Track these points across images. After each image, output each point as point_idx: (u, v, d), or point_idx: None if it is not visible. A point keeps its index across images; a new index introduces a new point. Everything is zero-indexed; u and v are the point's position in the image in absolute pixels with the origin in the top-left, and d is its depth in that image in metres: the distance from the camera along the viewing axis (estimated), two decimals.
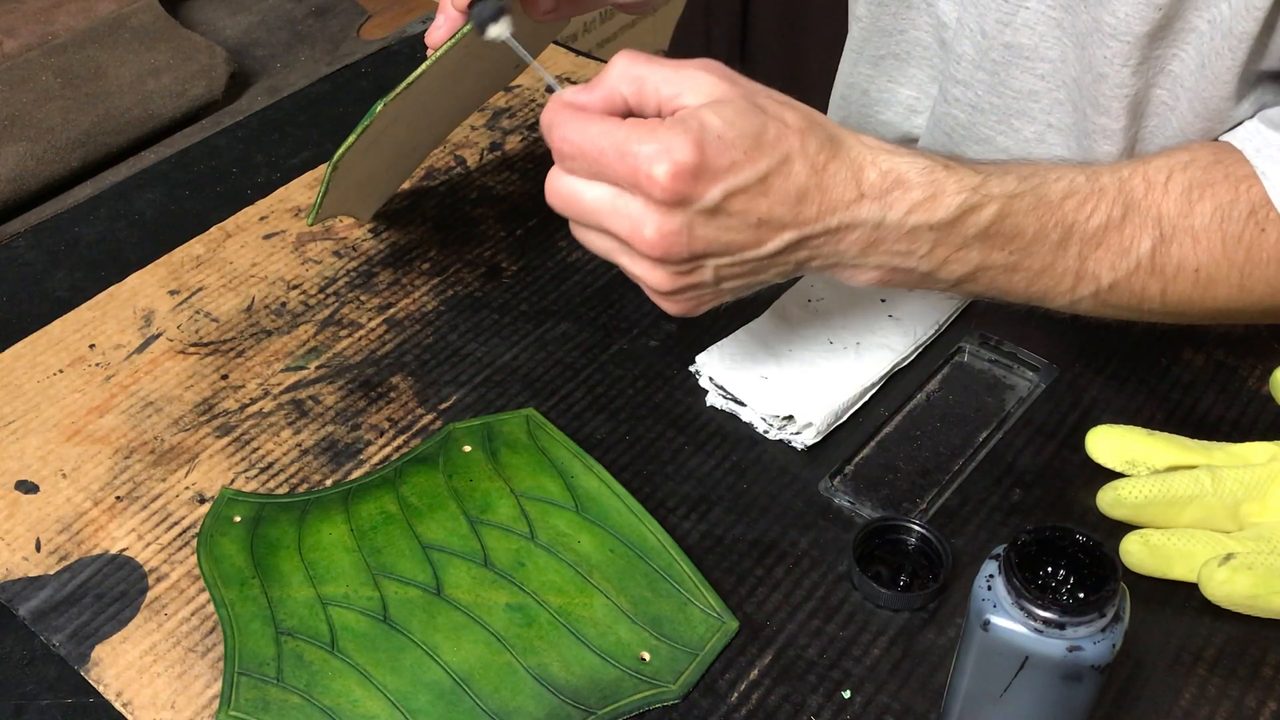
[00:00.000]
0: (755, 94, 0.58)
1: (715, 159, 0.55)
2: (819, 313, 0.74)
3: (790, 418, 0.69)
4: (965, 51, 0.79)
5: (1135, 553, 0.61)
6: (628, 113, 0.59)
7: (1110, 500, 0.62)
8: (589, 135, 0.56)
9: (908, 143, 0.90)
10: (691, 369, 0.73)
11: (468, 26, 0.65)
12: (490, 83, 0.83)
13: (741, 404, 0.70)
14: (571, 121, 0.57)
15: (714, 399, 0.71)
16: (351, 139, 0.68)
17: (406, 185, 0.87)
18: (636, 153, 0.55)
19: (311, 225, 0.80)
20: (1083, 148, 0.78)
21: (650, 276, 0.59)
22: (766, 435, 0.69)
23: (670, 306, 0.61)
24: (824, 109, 1.01)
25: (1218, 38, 0.65)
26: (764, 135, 0.56)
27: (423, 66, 0.67)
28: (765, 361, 0.71)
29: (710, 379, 0.71)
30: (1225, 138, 0.66)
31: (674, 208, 0.56)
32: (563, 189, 0.59)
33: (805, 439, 0.68)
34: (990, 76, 0.78)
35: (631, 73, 0.58)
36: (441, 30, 0.68)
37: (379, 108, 0.67)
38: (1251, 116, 0.67)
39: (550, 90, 0.61)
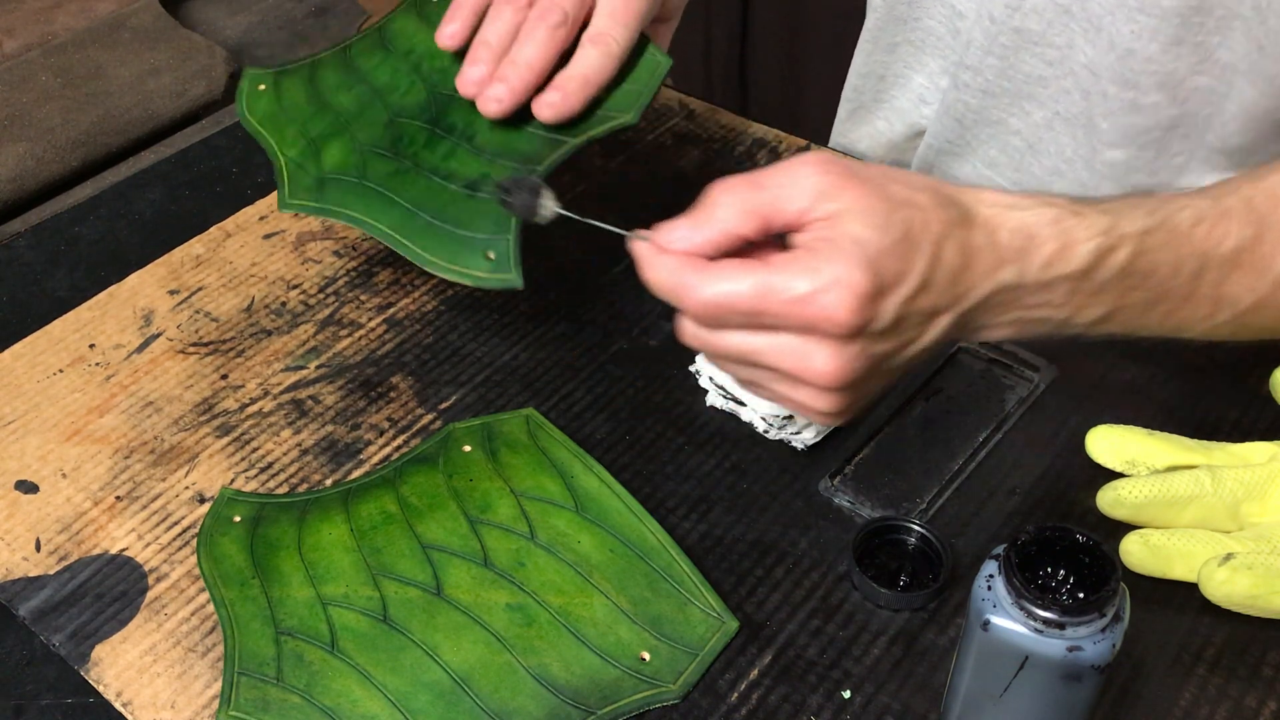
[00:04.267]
0: (880, 183, 0.54)
1: (884, 275, 0.51)
2: None
3: (790, 417, 0.69)
4: (975, 38, 0.80)
5: (1135, 553, 0.61)
6: (742, 243, 0.54)
7: (1110, 500, 0.62)
8: (738, 293, 0.52)
9: (916, 134, 0.91)
10: (691, 369, 0.73)
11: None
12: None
13: (741, 404, 0.70)
14: (706, 280, 0.52)
15: (714, 399, 0.71)
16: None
17: None
18: (805, 297, 0.51)
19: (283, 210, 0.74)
20: (1090, 140, 0.79)
21: (819, 402, 0.55)
22: (766, 435, 0.69)
23: (830, 420, 0.57)
24: (826, 108, 1.01)
25: (1273, 20, 0.64)
26: (911, 231, 0.52)
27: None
28: None
29: (710, 379, 0.71)
30: None
31: (854, 338, 0.52)
32: (715, 344, 0.54)
33: (805, 439, 0.68)
34: (1000, 61, 0.78)
35: (743, 203, 0.53)
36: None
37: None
38: None
39: (629, 238, 0.56)
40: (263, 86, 0.75)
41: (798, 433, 0.68)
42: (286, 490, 0.67)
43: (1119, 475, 0.63)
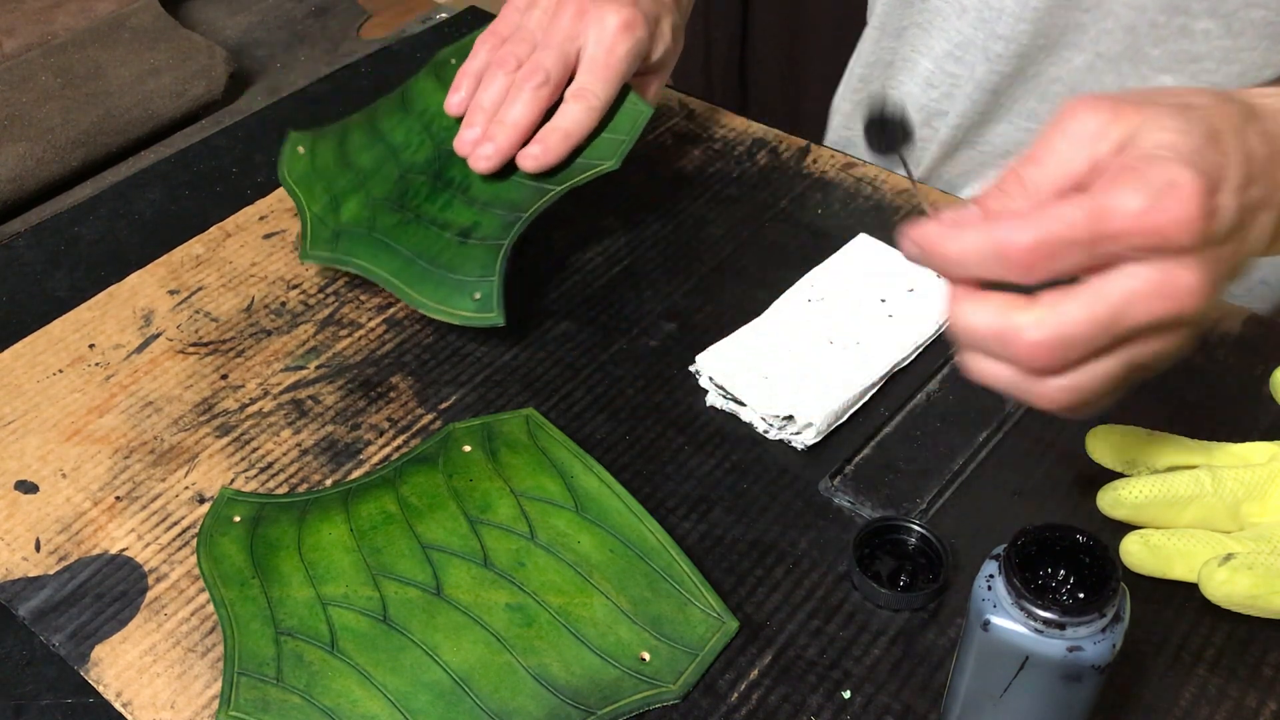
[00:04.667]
0: (1153, 97, 0.50)
1: (1210, 171, 0.47)
2: (819, 312, 0.74)
3: (790, 418, 0.69)
4: (1007, 5, 0.80)
5: (1135, 553, 0.61)
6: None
7: (1110, 500, 0.62)
8: (1070, 221, 0.47)
9: (927, 117, 0.92)
10: (691, 369, 0.73)
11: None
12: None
13: (741, 404, 0.70)
14: (1025, 223, 0.47)
15: (714, 399, 0.71)
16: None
17: None
18: (1146, 209, 0.46)
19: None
20: (1137, 70, 0.80)
21: (1186, 334, 0.50)
22: (766, 435, 0.69)
23: (1182, 350, 0.51)
24: (827, 108, 1.01)
25: None
26: (1212, 127, 0.49)
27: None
28: (765, 361, 0.71)
29: (710, 379, 0.71)
30: None
31: (1205, 244, 0.47)
32: (1066, 327, 0.48)
33: (805, 439, 0.68)
34: (1033, 26, 0.80)
35: (1027, 183, 0.50)
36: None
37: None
38: None
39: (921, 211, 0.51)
40: (301, 149, 0.82)
41: (798, 433, 0.68)
42: (286, 490, 0.67)
43: (1119, 475, 0.63)
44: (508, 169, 0.75)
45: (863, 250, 0.78)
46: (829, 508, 0.66)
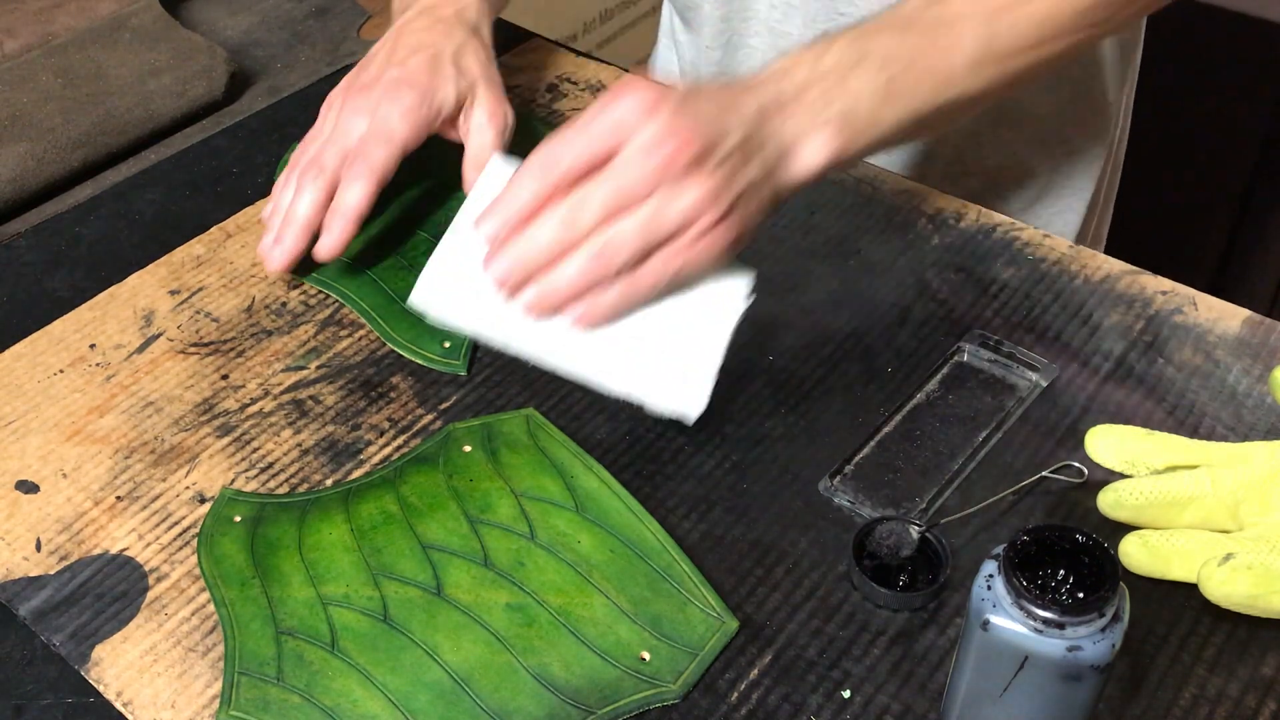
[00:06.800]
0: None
1: (649, 82, 0.63)
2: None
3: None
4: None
5: (1134, 554, 0.61)
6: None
7: (1111, 502, 0.62)
8: (574, 151, 0.62)
9: None
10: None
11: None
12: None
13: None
14: (550, 150, 0.63)
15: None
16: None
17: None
18: (595, 115, 0.62)
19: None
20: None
21: (700, 196, 0.61)
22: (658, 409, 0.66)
23: (724, 232, 0.63)
24: None
25: None
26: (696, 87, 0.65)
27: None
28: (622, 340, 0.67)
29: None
30: None
31: (656, 107, 0.61)
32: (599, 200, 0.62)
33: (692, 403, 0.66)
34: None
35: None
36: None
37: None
38: None
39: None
40: None
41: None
42: (287, 490, 0.67)
43: (1119, 475, 0.63)
44: None
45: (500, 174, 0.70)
46: (829, 507, 0.66)
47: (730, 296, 0.67)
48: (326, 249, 0.75)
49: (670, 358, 0.66)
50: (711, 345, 0.66)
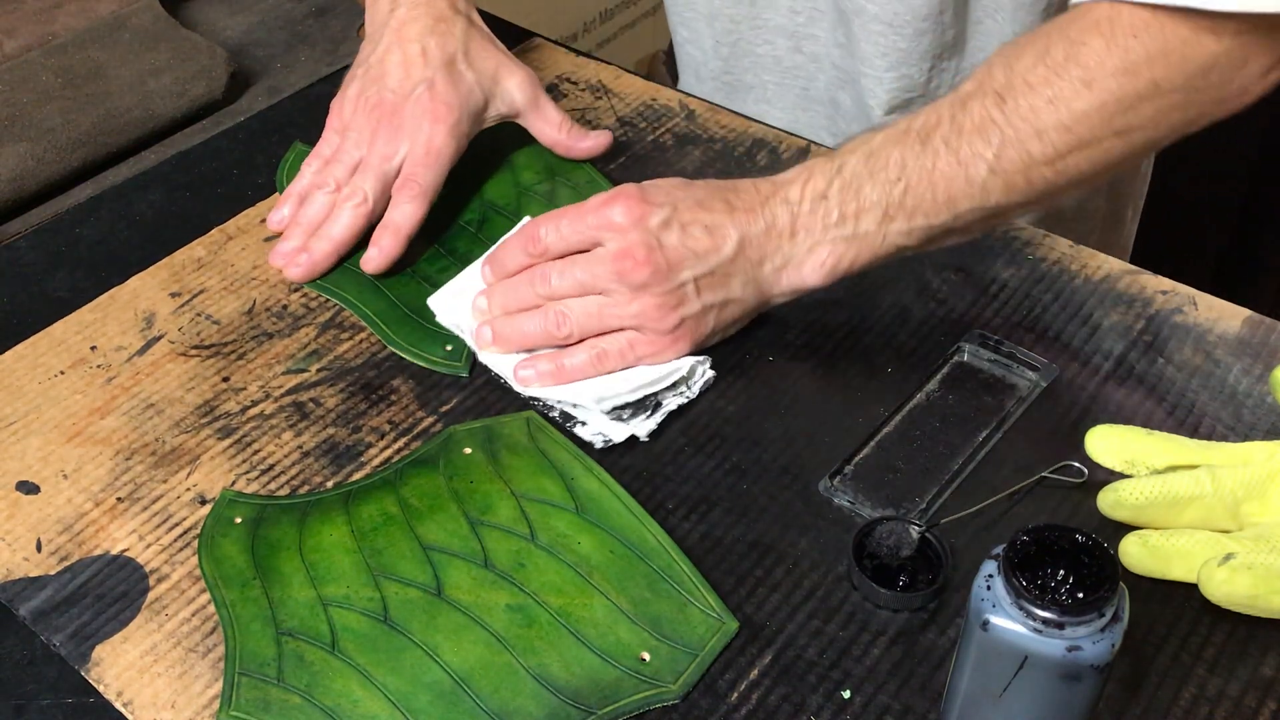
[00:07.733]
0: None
1: (652, 194, 0.70)
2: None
3: (641, 403, 0.70)
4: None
5: (1134, 554, 0.61)
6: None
7: (1111, 502, 0.62)
8: (561, 237, 0.71)
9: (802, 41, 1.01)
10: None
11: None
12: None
13: (584, 422, 0.70)
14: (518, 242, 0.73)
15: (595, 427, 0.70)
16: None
17: None
18: (589, 210, 0.70)
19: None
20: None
21: (645, 308, 0.69)
22: (609, 440, 0.69)
23: (676, 343, 0.70)
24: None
25: None
26: (678, 183, 0.72)
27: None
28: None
29: (544, 402, 0.71)
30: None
31: (635, 225, 0.69)
32: (550, 285, 0.72)
33: (649, 426, 0.69)
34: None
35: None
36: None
37: None
38: None
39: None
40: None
41: (648, 416, 0.69)
42: (288, 492, 0.67)
43: (1119, 475, 0.63)
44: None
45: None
46: (829, 507, 0.66)
47: (683, 366, 0.71)
48: (375, 263, 0.78)
49: (603, 384, 0.71)
50: (646, 380, 0.71)
